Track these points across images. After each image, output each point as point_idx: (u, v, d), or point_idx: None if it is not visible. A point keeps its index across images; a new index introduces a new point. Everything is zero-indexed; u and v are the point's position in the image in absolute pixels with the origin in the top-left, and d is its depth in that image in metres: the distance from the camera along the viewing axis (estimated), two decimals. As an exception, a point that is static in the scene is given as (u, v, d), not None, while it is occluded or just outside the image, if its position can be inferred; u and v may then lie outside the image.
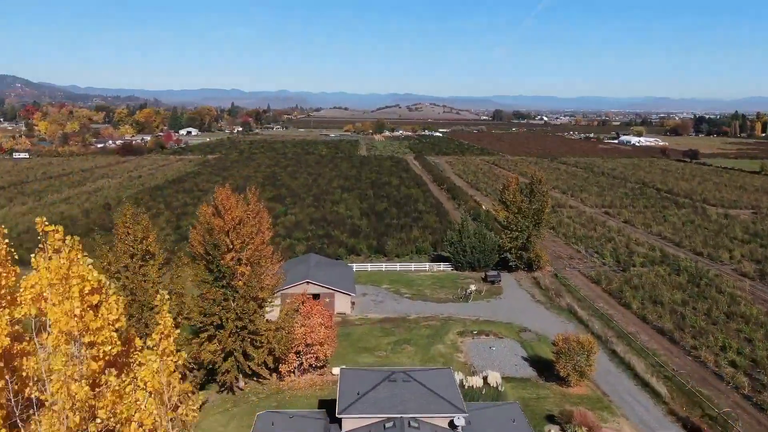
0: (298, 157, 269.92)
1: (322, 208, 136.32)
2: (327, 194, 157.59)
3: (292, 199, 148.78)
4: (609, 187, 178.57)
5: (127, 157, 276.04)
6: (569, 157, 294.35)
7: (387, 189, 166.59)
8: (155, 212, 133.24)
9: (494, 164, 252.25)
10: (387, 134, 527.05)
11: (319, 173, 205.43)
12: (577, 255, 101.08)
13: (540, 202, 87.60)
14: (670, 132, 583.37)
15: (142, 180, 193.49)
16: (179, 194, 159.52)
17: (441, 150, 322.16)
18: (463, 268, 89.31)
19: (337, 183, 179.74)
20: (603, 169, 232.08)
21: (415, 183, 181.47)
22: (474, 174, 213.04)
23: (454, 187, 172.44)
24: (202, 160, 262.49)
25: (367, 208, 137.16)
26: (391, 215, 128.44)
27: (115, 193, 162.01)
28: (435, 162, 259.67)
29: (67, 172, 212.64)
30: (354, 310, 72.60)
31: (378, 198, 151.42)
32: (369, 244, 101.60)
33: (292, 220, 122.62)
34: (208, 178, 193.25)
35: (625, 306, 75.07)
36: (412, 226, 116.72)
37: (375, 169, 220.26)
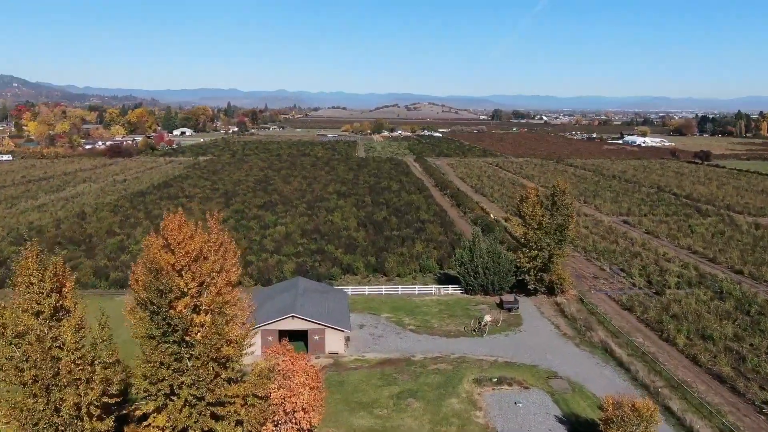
0: (293, 159, 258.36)
1: (316, 218, 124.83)
2: (321, 201, 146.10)
3: (283, 207, 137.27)
4: (623, 193, 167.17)
5: (115, 159, 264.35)
6: (575, 158, 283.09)
7: (386, 195, 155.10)
8: (133, 222, 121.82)
9: (498, 166, 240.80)
10: (386, 134, 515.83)
11: (314, 177, 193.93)
12: (601, 274, 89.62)
13: (563, 216, 76.12)
14: (674, 132, 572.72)
15: (126, 184, 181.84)
16: (162, 201, 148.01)
17: (442, 151, 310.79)
18: (475, 292, 77.90)
19: (332, 188, 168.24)
20: (613, 171, 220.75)
21: (416, 188, 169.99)
22: (478, 177, 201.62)
23: (458, 192, 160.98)
24: (193, 162, 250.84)
25: (364, 217, 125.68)
26: (391, 225, 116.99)
27: (94, 200, 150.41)
28: (436, 164, 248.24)
29: (48, 176, 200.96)
30: (349, 349, 61.14)
31: (376, 205, 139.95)
32: (367, 262, 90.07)
33: (282, 231, 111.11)
34: (196, 182, 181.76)
35: (667, 341, 63.66)
36: (415, 239, 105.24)
37: (373, 172, 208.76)
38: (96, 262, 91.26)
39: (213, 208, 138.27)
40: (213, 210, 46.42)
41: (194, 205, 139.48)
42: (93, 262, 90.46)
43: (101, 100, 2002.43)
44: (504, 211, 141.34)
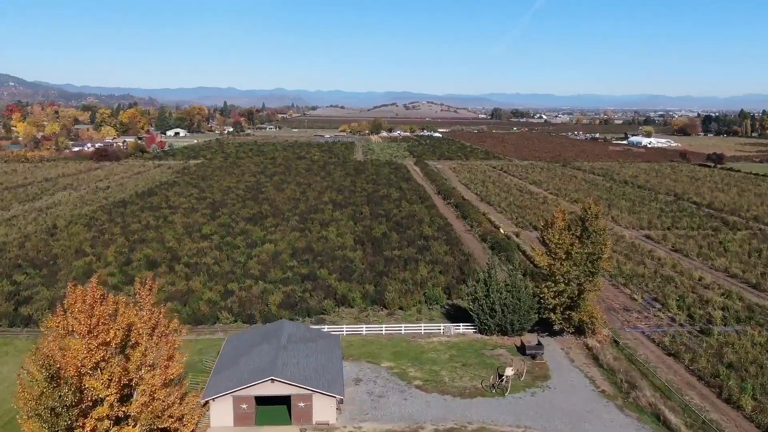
0: (288, 163, 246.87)
1: (309, 233, 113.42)
2: (315, 212, 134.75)
3: (274, 220, 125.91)
4: (640, 201, 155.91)
5: (102, 163, 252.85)
6: (581, 161, 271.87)
7: (386, 204, 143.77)
8: (106, 238, 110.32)
9: (502, 171, 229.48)
10: (384, 135, 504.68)
11: (309, 183, 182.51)
12: (632, 305, 78.31)
13: (596, 244, 64.76)
14: (677, 132, 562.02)
15: (108, 192, 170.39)
16: (143, 212, 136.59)
17: (443, 153, 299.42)
18: (490, 332, 66.61)
19: (328, 196, 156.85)
20: (624, 176, 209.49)
21: (418, 196, 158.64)
22: (482, 183, 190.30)
23: (463, 202, 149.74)
24: (183, 166, 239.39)
25: (362, 232, 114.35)
26: (391, 242, 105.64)
27: (70, 211, 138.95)
28: (437, 168, 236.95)
29: (28, 182, 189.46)
30: (342, 416, 49.84)
31: (375, 217, 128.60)
32: (364, 291, 78.71)
33: (271, 250, 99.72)
34: (183, 190, 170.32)
35: (729, 402, 52.47)
36: (418, 260, 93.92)
37: (372, 177, 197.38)
38: (56, 291, 79.68)
39: (197, 220, 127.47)
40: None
41: (177, 218, 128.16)
42: (52, 292, 78.92)
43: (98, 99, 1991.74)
44: (514, 223, 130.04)
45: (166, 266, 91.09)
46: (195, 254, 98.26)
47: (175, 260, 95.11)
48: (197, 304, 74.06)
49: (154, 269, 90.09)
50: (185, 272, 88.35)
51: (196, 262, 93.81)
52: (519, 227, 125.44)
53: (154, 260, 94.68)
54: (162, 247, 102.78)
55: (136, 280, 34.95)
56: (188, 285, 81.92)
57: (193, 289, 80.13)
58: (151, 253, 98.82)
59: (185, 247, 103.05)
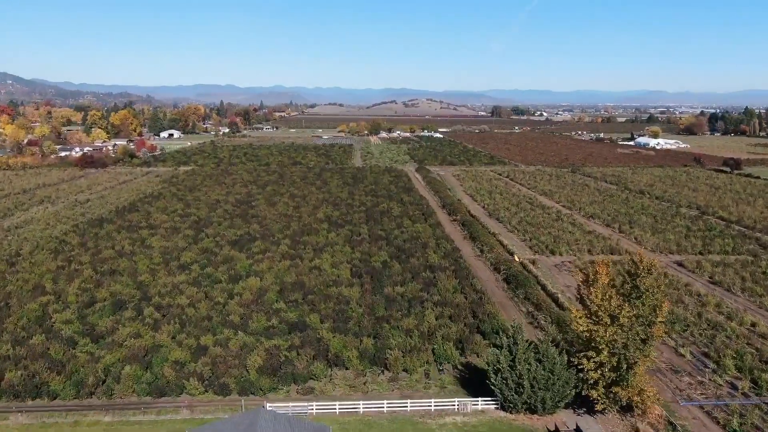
0: (282, 170, 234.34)
1: (300, 261, 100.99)
2: (309, 233, 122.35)
3: (262, 243, 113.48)
4: (661, 217, 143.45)
5: (87, 171, 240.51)
6: (590, 165, 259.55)
7: (386, 223, 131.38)
8: (74, 269, 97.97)
9: (509, 178, 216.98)
10: (384, 136, 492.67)
11: (303, 195, 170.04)
12: (680, 363, 65.84)
13: (649, 305, 52.43)
14: (684, 131, 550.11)
15: (87, 207, 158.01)
16: (120, 233, 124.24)
17: (445, 157, 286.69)
18: (516, 410, 54.40)
19: (323, 212, 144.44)
20: (638, 184, 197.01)
21: (421, 211, 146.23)
22: (489, 194, 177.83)
23: (471, 219, 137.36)
24: (172, 174, 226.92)
25: (360, 260, 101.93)
26: (392, 274, 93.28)
27: (40, 232, 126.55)
28: (440, 175, 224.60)
29: (3, 195, 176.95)
30: None
31: (374, 240, 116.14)
32: (362, 348, 66.27)
33: (256, 286, 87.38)
34: (168, 204, 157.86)
35: None
36: (424, 301, 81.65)
37: (371, 188, 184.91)
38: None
39: (178, 244, 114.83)
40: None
41: (156, 241, 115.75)
42: (-8, 349, 66.69)
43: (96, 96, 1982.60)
44: (528, 246, 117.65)
45: (133, 309, 78.75)
46: (169, 292, 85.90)
47: (145, 300, 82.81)
48: (161, 367, 61.86)
49: (118, 313, 77.97)
50: (154, 318, 76.02)
51: (169, 303, 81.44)
52: (534, 251, 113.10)
53: (121, 301, 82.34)
54: (133, 282, 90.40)
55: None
56: (155, 337, 69.61)
57: (160, 344, 67.84)
58: (120, 290, 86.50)
59: (159, 282, 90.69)
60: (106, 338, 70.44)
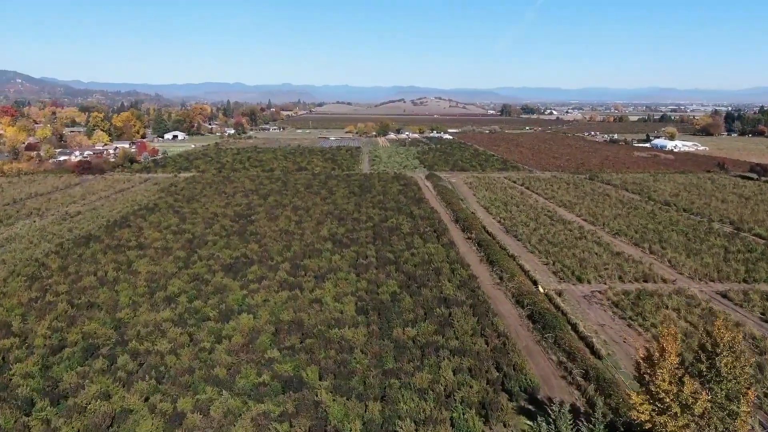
0: (286, 177, 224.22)
1: (300, 293, 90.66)
2: (312, 255, 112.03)
3: (259, 268, 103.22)
4: (693, 234, 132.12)
5: (84, 177, 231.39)
6: (608, 171, 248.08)
7: (395, 243, 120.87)
8: (48, 302, 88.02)
9: (524, 187, 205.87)
10: (392, 137, 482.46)
11: (307, 208, 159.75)
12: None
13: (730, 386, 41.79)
14: (699, 131, 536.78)
15: (76, 221, 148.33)
16: (107, 254, 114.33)
17: (456, 163, 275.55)
18: None
19: (328, 228, 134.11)
20: (663, 194, 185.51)
21: (433, 228, 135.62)
22: (504, 206, 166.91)
23: (486, 237, 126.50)
24: (172, 181, 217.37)
25: (366, 291, 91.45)
26: (402, 310, 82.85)
27: (21, 252, 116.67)
28: (451, 182, 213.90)
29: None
30: None
31: (382, 264, 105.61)
32: (367, 418, 55.86)
33: (248, 326, 77.16)
34: (162, 218, 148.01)
35: None
36: (439, 347, 71.11)
37: (378, 198, 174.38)
38: (-60, 411, 57.46)
39: (167, 269, 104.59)
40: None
41: (144, 265, 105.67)
42: (-68, 415, 56.67)
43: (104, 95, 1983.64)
44: (551, 270, 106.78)
45: (106, 358, 68.60)
46: (150, 333, 75.78)
47: (120, 345, 72.76)
48: (126, 446, 51.74)
49: (89, 362, 67.92)
50: (128, 370, 65.90)
51: (148, 348, 71.31)
52: (559, 278, 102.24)
53: (94, 345, 72.30)
54: (110, 320, 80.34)
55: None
56: (125, 399, 59.47)
57: (130, 408, 57.70)
58: (95, 331, 76.50)
59: (140, 319, 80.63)
60: (69, 398, 60.38)
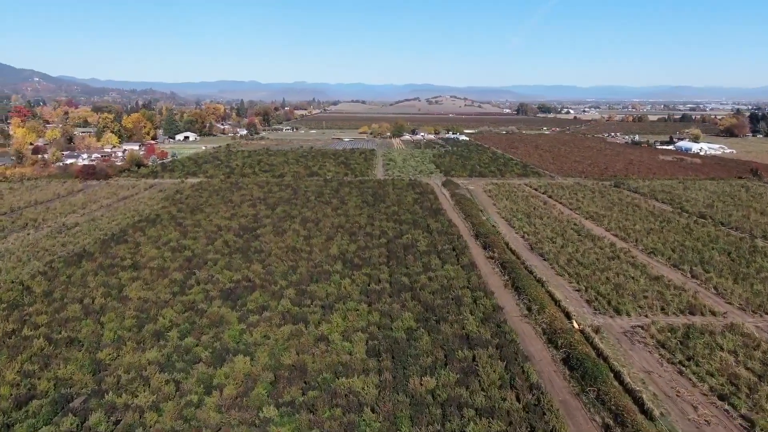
0: (297, 183, 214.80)
1: (304, 328, 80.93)
2: (319, 279, 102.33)
3: (261, 296, 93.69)
4: (736, 253, 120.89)
5: (88, 183, 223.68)
6: (634, 178, 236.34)
7: (411, 263, 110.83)
8: (24, 336, 79.02)
9: (547, 195, 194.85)
10: (407, 138, 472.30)
11: (317, 220, 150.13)
12: None
13: None
14: (723, 132, 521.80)
15: (73, 233, 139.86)
16: (98, 275, 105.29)
17: (474, 168, 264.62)
18: None
19: (338, 245, 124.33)
20: (696, 204, 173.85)
21: (451, 245, 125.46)
22: (527, 217, 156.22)
23: (510, 257, 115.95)
24: (177, 187, 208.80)
25: (377, 327, 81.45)
26: (420, 353, 72.84)
27: (6, 273, 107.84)
28: (470, 190, 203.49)
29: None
30: None
31: (397, 292, 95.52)
32: None
33: (243, 371, 67.61)
34: (162, 231, 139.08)
35: None
36: (463, 407, 60.98)
37: (393, 209, 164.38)
38: None
39: (160, 295, 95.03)
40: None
41: (135, 290, 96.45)
42: None
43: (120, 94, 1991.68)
44: (584, 298, 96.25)
45: (76, 417, 59.21)
46: (132, 380, 66.38)
47: (96, 396, 63.41)
48: None
49: (56, 420, 58.61)
50: None
51: (126, 402, 61.89)
52: (593, 308, 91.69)
53: (65, 398, 63.02)
54: (89, 362, 71.02)
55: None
56: (91, 475, 50.07)
57: (96, 488, 48.30)
58: (70, 376, 67.33)
59: (123, 362, 71.28)
60: (26, 473, 51.13)
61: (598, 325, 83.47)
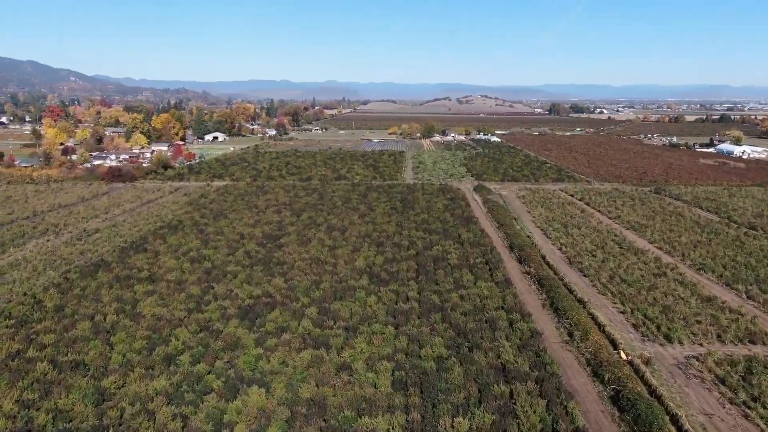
0: (324, 188, 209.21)
1: (325, 354, 74.70)
2: (344, 296, 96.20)
3: (281, 315, 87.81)
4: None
5: (114, 185, 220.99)
6: (675, 183, 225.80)
7: (441, 279, 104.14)
8: (26, 360, 74.22)
9: (584, 202, 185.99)
10: (437, 139, 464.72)
11: (343, 228, 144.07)
12: None
13: None
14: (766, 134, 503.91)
15: (93, 240, 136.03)
16: (112, 288, 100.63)
17: (506, 171, 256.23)
18: None
19: (364, 258, 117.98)
20: (744, 214, 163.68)
21: (484, 258, 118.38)
22: (564, 228, 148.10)
23: (548, 273, 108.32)
24: (202, 191, 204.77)
25: (405, 355, 74.88)
26: (451, 387, 66.15)
27: (20, 285, 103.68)
28: (502, 196, 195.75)
29: (6, 221, 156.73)
30: None
31: (426, 312, 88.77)
32: None
33: (257, 406, 61.61)
34: (183, 239, 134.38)
35: None
36: (501, 454, 54.22)
37: (422, 217, 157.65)
38: None
39: (174, 312, 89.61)
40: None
41: (149, 306, 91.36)
42: None
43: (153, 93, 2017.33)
44: (630, 321, 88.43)
45: (72, 458, 53.83)
46: (134, 416, 60.86)
47: (96, 433, 58.02)
48: None
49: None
50: (95, 480, 50.98)
51: (127, 442, 56.35)
52: (641, 334, 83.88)
53: (63, 434, 57.76)
54: (93, 391, 65.71)
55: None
56: None
57: None
58: (71, 407, 62.08)
59: (130, 391, 65.85)
60: None
61: (649, 356, 75.69)
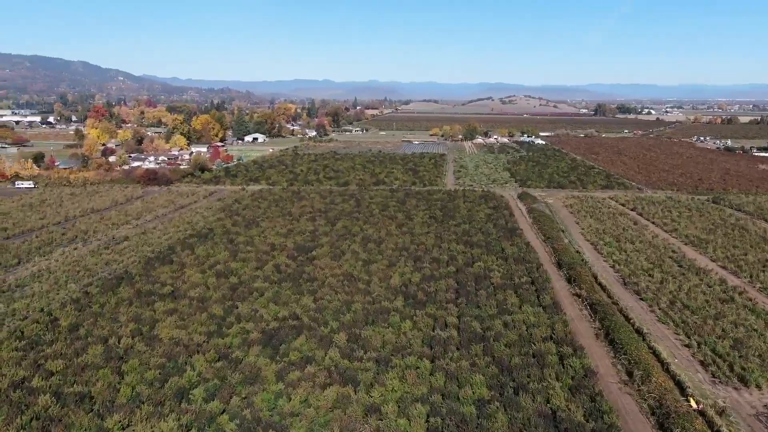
0: (361, 194, 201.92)
1: (352, 393, 66.94)
2: (376, 320, 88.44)
3: (307, 342, 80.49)
4: None
5: (148, 189, 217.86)
6: (734, 191, 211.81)
7: (483, 301, 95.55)
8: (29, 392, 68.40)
9: (637, 212, 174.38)
10: (479, 141, 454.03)
11: (379, 240, 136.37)
12: None
13: None
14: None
15: (120, 249, 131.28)
16: (132, 306, 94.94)
17: (552, 177, 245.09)
18: None
19: (400, 274, 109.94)
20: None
21: (529, 275, 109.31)
22: (616, 242, 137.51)
23: (601, 297, 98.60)
24: (237, 196, 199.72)
25: (442, 396, 66.57)
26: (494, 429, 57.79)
27: (38, 299, 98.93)
28: (548, 203, 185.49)
29: (37, 227, 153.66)
30: None
31: (466, 343, 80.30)
32: None
33: (273, 458, 54.19)
34: (212, 249, 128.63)
35: None
36: None
37: (463, 228, 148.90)
38: None
39: (194, 336, 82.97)
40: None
41: (167, 328, 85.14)
42: None
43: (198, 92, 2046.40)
44: (693, 356, 78.51)
45: None
46: (137, 464, 54.16)
47: (91, 487, 51.37)
48: None
49: None
50: None
51: (123, 501, 49.56)
52: (711, 375, 73.89)
53: (54, 487, 51.28)
54: (96, 430, 59.34)
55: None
56: None
57: None
58: None
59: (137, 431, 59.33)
60: None
61: (724, 405, 65.78)
